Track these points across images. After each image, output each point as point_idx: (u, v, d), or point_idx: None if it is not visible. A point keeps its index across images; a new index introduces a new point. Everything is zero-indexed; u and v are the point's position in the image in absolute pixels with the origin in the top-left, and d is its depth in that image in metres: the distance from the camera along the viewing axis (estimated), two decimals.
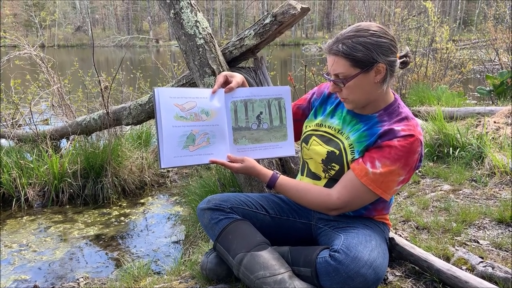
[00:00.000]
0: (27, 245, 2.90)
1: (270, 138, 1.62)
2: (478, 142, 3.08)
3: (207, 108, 1.53)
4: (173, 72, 6.53)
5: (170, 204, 3.67)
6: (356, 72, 1.38)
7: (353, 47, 1.35)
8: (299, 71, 6.72)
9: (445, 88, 5.98)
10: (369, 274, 1.28)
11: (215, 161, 1.53)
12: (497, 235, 1.95)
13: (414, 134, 1.39)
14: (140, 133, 4.60)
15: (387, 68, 1.39)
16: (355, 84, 1.40)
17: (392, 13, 7.72)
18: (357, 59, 1.36)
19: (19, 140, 4.41)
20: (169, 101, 1.47)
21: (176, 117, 1.48)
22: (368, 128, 1.46)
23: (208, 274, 1.59)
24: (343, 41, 1.37)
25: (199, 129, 1.51)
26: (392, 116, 1.45)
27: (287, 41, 39.93)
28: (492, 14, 9.00)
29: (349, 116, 1.53)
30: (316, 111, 1.66)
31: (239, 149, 1.58)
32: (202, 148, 1.52)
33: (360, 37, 1.36)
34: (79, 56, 16.71)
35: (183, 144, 1.48)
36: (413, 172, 1.46)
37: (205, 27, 2.49)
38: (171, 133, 1.46)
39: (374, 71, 1.38)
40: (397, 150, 1.38)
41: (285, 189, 1.54)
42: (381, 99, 1.47)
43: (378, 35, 1.37)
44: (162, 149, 1.45)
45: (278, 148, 1.63)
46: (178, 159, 1.48)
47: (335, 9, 49.62)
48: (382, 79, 1.40)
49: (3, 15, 12.57)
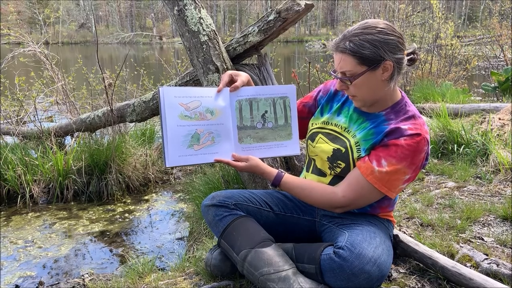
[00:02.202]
0: (32, 241, 2.92)
1: (275, 137, 1.61)
2: (482, 139, 3.07)
3: (211, 107, 1.53)
4: (177, 69, 6.52)
5: (174, 200, 3.68)
6: (363, 70, 1.37)
7: (360, 44, 1.34)
8: (302, 67, 6.70)
9: (449, 85, 5.95)
10: (373, 271, 1.28)
11: (220, 160, 1.53)
12: (501, 232, 1.94)
13: (421, 133, 1.38)
14: (144, 130, 4.62)
15: (394, 65, 1.38)
16: (362, 82, 1.39)
17: (397, 9, 7.68)
18: (364, 56, 1.35)
19: (23, 137, 4.43)
20: (174, 100, 1.47)
21: (181, 116, 1.48)
22: (374, 126, 1.45)
23: (213, 270, 1.59)
24: (350, 38, 1.36)
25: (204, 128, 1.51)
26: (399, 114, 1.44)
27: (290, 38, 39.82)
28: (497, 10, 8.95)
29: (356, 114, 1.53)
30: (323, 109, 1.65)
31: (244, 148, 1.58)
32: (207, 147, 1.52)
33: (367, 34, 1.35)
34: (83, 53, 16.69)
35: (187, 143, 1.48)
36: (419, 171, 1.45)
37: (209, 24, 2.49)
38: (176, 132, 1.47)
39: (381, 69, 1.37)
40: (404, 149, 1.37)
41: (290, 187, 1.54)
42: (388, 97, 1.46)
43: (386, 32, 1.35)
44: (167, 148, 1.46)
45: (283, 147, 1.62)
46: (182, 158, 1.48)
47: (339, 5, 49.42)
48: (389, 76, 1.39)
49: (7, 12, 12.58)
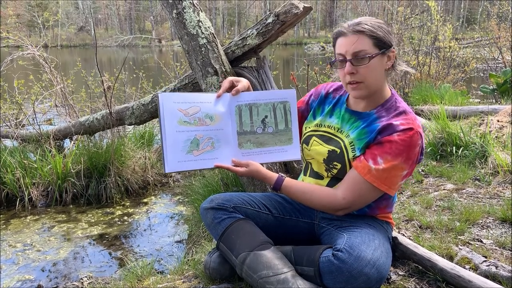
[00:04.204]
0: (31, 244, 2.92)
1: (275, 142, 1.60)
2: (481, 141, 3.07)
3: (211, 113, 1.53)
4: (176, 71, 6.53)
5: (173, 203, 3.68)
6: (376, 51, 1.41)
7: (377, 27, 1.41)
8: (301, 70, 6.71)
9: (448, 87, 5.95)
10: (372, 273, 1.28)
11: (220, 166, 1.53)
12: (500, 234, 1.94)
13: (413, 127, 1.39)
14: (143, 133, 4.61)
15: (396, 56, 1.45)
16: (375, 65, 1.42)
17: (395, 11, 7.70)
18: (380, 38, 1.40)
19: (22, 140, 4.42)
20: (173, 106, 1.47)
21: (180, 122, 1.48)
22: (367, 125, 1.47)
23: (211, 273, 1.59)
24: (360, 23, 1.41)
25: (203, 133, 1.51)
26: (390, 111, 1.46)
27: (289, 40, 39.88)
28: (496, 12, 8.97)
29: (348, 114, 1.55)
30: (315, 112, 1.67)
31: (244, 153, 1.57)
32: (206, 152, 1.51)
33: (374, 22, 1.43)
34: (82, 56, 16.72)
35: (187, 149, 1.48)
36: (416, 165, 1.47)
37: (208, 27, 2.49)
38: (175, 138, 1.47)
39: (387, 56, 1.43)
40: (398, 145, 1.38)
41: (290, 191, 1.54)
42: (380, 93, 1.49)
43: (386, 25, 1.45)
44: (166, 154, 1.46)
45: (284, 152, 1.61)
46: (182, 163, 1.48)
47: (337, 8, 49.52)
48: (390, 66, 1.46)
49: (6, 15, 12.60)
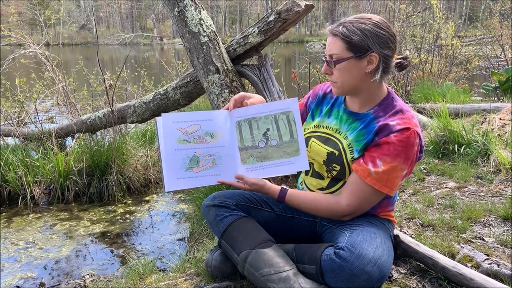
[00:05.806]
0: (33, 242, 2.93)
1: (280, 155, 1.54)
2: (483, 139, 3.07)
3: (211, 130, 1.53)
4: (177, 70, 6.53)
5: (175, 201, 3.68)
6: (349, 55, 1.39)
7: (352, 31, 1.38)
8: (303, 68, 6.70)
9: (450, 85, 5.94)
10: (373, 272, 1.28)
11: (223, 182, 1.52)
12: (502, 232, 1.94)
13: (410, 127, 1.38)
14: (144, 131, 4.62)
15: (380, 60, 1.40)
16: (345, 68, 1.41)
17: (397, 9, 7.68)
18: (353, 43, 1.38)
19: (24, 138, 4.44)
20: (172, 126, 1.48)
21: (179, 141, 1.48)
22: (364, 126, 1.46)
23: (213, 271, 1.59)
24: (345, 24, 1.41)
25: (203, 151, 1.51)
26: (387, 110, 1.45)
27: (291, 38, 39.79)
28: (498, 10, 8.94)
29: (346, 115, 1.54)
30: (313, 113, 1.67)
31: (248, 169, 1.54)
32: (207, 169, 1.51)
33: (361, 23, 1.39)
34: (83, 54, 16.73)
35: (186, 166, 1.48)
36: (415, 164, 1.46)
37: (209, 25, 2.49)
38: (173, 156, 1.47)
39: (366, 60, 1.40)
40: (396, 146, 1.38)
41: (294, 203, 1.53)
42: (375, 94, 1.48)
43: (379, 26, 1.39)
44: (165, 172, 1.46)
45: (290, 164, 1.54)
46: (181, 180, 1.48)
47: (339, 6, 49.41)
48: (373, 70, 1.42)
49: (8, 13, 12.62)
